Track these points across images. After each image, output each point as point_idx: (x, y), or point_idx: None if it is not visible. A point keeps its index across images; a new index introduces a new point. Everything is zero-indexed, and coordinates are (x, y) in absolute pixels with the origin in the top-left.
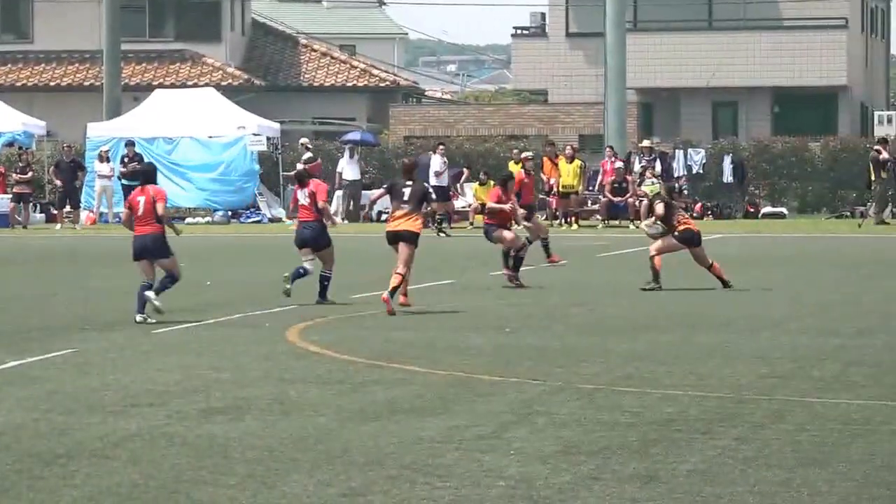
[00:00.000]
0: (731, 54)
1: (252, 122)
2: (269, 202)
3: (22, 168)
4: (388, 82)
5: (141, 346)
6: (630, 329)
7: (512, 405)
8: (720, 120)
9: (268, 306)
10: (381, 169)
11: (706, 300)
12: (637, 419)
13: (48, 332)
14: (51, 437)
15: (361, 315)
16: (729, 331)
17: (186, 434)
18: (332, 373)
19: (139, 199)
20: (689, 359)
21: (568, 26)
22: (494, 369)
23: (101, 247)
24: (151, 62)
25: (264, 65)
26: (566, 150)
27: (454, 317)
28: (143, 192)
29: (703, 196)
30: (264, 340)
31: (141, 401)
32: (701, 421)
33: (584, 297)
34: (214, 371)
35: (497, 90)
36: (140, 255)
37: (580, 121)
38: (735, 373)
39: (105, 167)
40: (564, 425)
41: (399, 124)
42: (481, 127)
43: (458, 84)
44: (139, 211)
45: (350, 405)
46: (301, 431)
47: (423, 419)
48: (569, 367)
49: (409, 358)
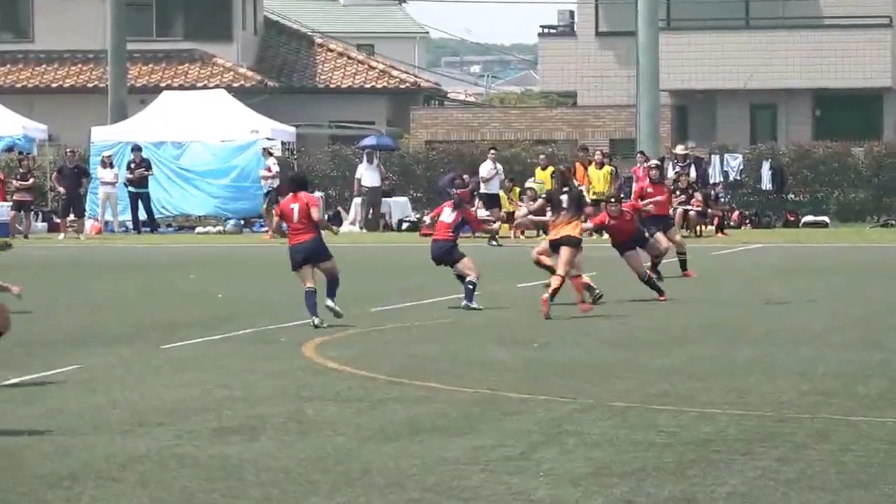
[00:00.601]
0: (769, 54)
1: (265, 126)
2: None
3: (23, 174)
4: (409, 84)
5: (149, 362)
6: (664, 343)
7: (541, 424)
8: (758, 124)
9: (283, 320)
10: (401, 175)
11: (744, 312)
12: (673, 439)
13: (51, 348)
14: (55, 458)
15: (381, 329)
16: (769, 344)
17: (198, 455)
18: (350, 390)
19: (293, 207)
20: (728, 374)
21: (598, 25)
22: (522, 386)
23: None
24: (159, 63)
25: (278, 65)
26: (596, 155)
27: (479, 331)
28: (296, 199)
29: (740, 204)
30: (279, 356)
31: (149, 420)
32: (740, 441)
33: (616, 310)
34: (227, 388)
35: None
36: (303, 263)
37: (611, 124)
38: (776, 389)
39: (108, 173)
40: (596, 445)
41: (420, 128)
42: (507, 131)
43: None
44: (294, 218)
45: (370, 424)
46: (319, 452)
47: (446, 439)
48: (600, 384)
49: (432, 374)
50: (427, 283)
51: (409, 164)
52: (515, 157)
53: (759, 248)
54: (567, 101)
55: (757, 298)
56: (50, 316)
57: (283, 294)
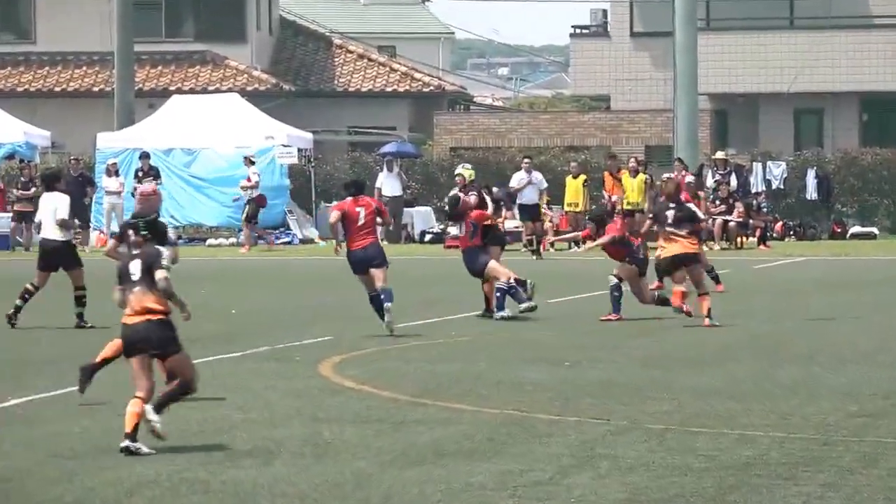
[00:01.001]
0: (814, 56)
1: (281, 132)
2: (300, 221)
3: (24, 184)
4: (433, 87)
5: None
6: (702, 362)
7: (572, 447)
8: (803, 129)
9: (299, 337)
10: (425, 183)
11: (787, 329)
12: (712, 463)
13: (53, 367)
14: (58, 484)
15: (403, 346)
16: (813, 363)
17: (210, 480)
18: (370, 411)
19: (358, 210)
20: (769, 395)
21: (633, 25)
22: (552, 407)
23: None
24: (168, 65)
25: (294, 68)
26: (630, 162)
27: (507, 348)
28: (360, 202)
29: (784, 214)
30: (295, 375)
31: (159, 443)
32: (783, 465)
33: (651, 327)
34: (240, 409)
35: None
36: (365, 268)
37: (646, 130)
38: (820, 411)
39: (113, 182)
40: (631, 470)
41: (444, 134)
42: (536, 137)
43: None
44: (359, 221)
45: (391, 447)
46: (337, 477)
47: (472, 463)
48: (635, 405)
49: (457, 394)
50: (451, 297)
51: (433, 173)
52: (545, 164)
53: (803, 261)
54: (600, 106)
55: (800, 314)
56: (53, 333)
57: (299, 309)
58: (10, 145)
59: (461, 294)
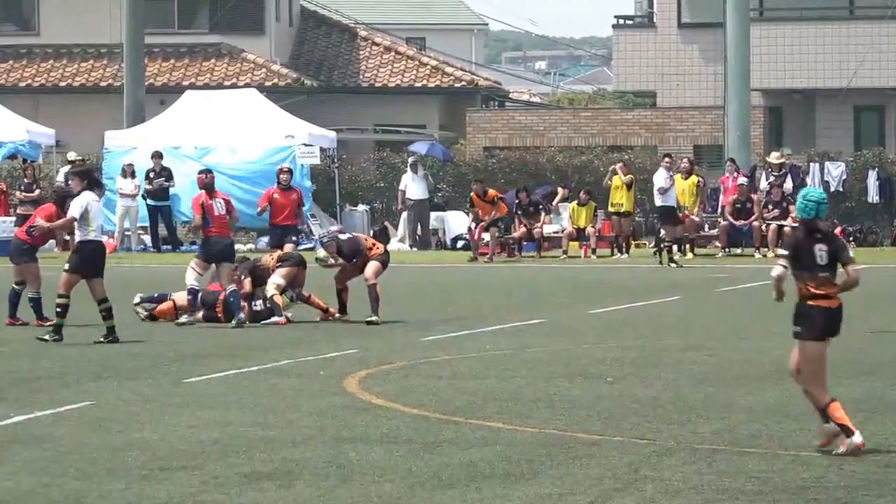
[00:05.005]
0: (876, 48)
1: (302, 131)
2: (323, 225)
3: (27, 185)
4: (465, 82)
5: (170, 398)
6: (756, 378)
7: (615, 469)
8: (863, 127)
9: (322, 351)
10: (456, 185)
11: (846, 343)
12: (765, 486)
13: (59, 382)
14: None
15: (434, 361)
16: (875, 380)
17: (226, 503)
18: (399, 430)
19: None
20: None
21: (680, 15)
22: (593, 426)
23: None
24: (181, 58)
25: (316, 61)
26: (682, 163)
27: (545, 363)
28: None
29: (843, 219)
30: (318, 391)
31: (171, 463)
32: (842, 489)
33: (701, 340)
34: (259, 427)
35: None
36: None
37: (695, 129)
38: (882, 430)
39: (129, 184)
40: (678, 493)
41: (478, 132)
42: (577, 136)
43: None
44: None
45: (421, 469)
46: (363, 500)
47: (508, 486)
48: (683, 424)
49: (492, 412)
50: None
51: (465, 174)
52: (587, 165)
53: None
54: (645, 102)
55: (861, 327)
56: (58, 346)
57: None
58: (13, 144)
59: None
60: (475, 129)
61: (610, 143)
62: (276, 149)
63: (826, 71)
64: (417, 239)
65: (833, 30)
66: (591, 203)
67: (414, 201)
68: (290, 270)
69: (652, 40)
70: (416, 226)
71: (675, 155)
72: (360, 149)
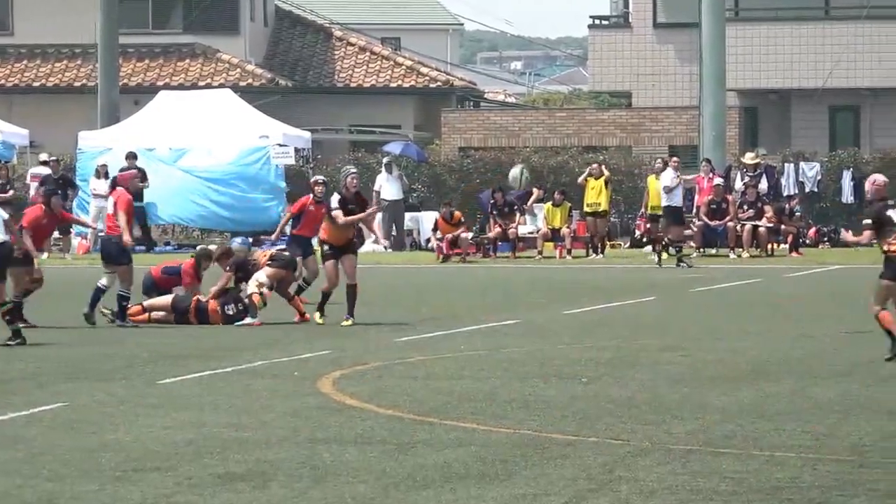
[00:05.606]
0: (852, 49)
1: (277, 131)
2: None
3: (1, 185)
4: (440, 83)
5: (144, 399)
6: (731, 378)
7: (589, 470)
8: (838, 128)
9: (296, 352)
10: (430, 186)
11: (821, 343)
12: (740, 486)
13: (33, 383)
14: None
15: (409, 362)
16: (850, 381)
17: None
18: (373, 430)
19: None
20: (802, 414)
21: (656, 15)
22: (568, 427)
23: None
24: (156, 58)
25: (291, 62)
26: (656, 163)
27: (519, 363)
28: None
29: (817, 219)
30: (292, 392)
31: (145, 465)
32: (816, 489)
33: (676, 340)
34: (233, 429)
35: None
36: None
37: (670, 129)
38: (857, 431)
39: (102, 184)
40: (653, 494)
41: (453, 133)
42: (552, 136)
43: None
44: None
45: (395, 470)
46: (337, 501)
47: (483, 486)
48: (658, 425)
49: (466, 413)
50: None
51: (440, 174)
52: (562, 165)
53: (838, 269)
54: (620, 103)
55: (837, 327)
56: (32, 347)
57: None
58: None
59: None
60: (450, 130)
61: (585, 144)
62: (251, 149)
63: (801, 71)
64: (392, 240)
65: (808, 30)
66: (565, 203)
67: (389, 202)
68: (278, 272)
69: (627, 40)
70: (390, 226)
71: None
72: (335, 149)
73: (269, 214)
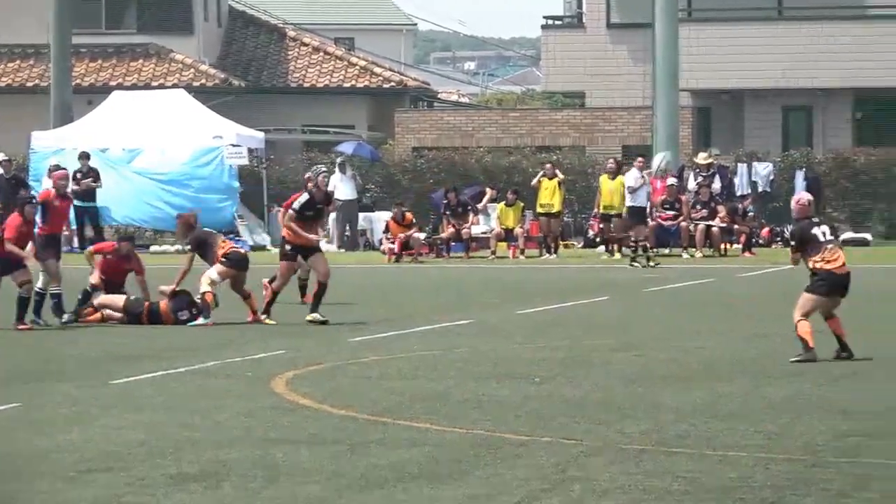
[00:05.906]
0: (804, 49)
1: (230, 131)
2: (251, 227)
3: None
4: (394, 83)
5: (98, 400)
6: (684, 378)
7: (542, 470)
8: (791, 128)
9: (250, 352)
10: (384, 186)
11: (774, 344)
12: (692, 486)
13: None
14: None
15: (362, 362)
16: (802, 380)
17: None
18: (326, 431)
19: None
20: (755, 414)
21: (609, 16)
22: (521, 427)
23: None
24: (109, 58)
25: (244, 62)
26: (608, 164)
27: (473, 363)
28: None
29: (770, 219)
30: (245, 392)
31: (98, 465)
32: (768, 488)
33: (630, 340)
34: (185, 429)
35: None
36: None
37: (624, 129)
38: (809, 430)
39: None
40: (605, 493)
41: (406, 133)
42: (505, 136)
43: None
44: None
45: (348, 470)
46: (290, 501)
47: (436, 487)
48: (611, 424)
49: (420, 413)
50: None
51: (394, 174)
52: (515, 165)
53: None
54: (574, 103)
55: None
56: None
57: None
58: None
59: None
60: (404, 130)
61: (538, 144)
62: (205, 150)
63: (754, 72)
64: (345, 240)
65: (762, 30)
66: (518, 203)
67: (342, 202)
68: (229, 271)
69: (581, 41)
70: (344, 227)
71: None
72: (288, 149)
73: (223, 215)
